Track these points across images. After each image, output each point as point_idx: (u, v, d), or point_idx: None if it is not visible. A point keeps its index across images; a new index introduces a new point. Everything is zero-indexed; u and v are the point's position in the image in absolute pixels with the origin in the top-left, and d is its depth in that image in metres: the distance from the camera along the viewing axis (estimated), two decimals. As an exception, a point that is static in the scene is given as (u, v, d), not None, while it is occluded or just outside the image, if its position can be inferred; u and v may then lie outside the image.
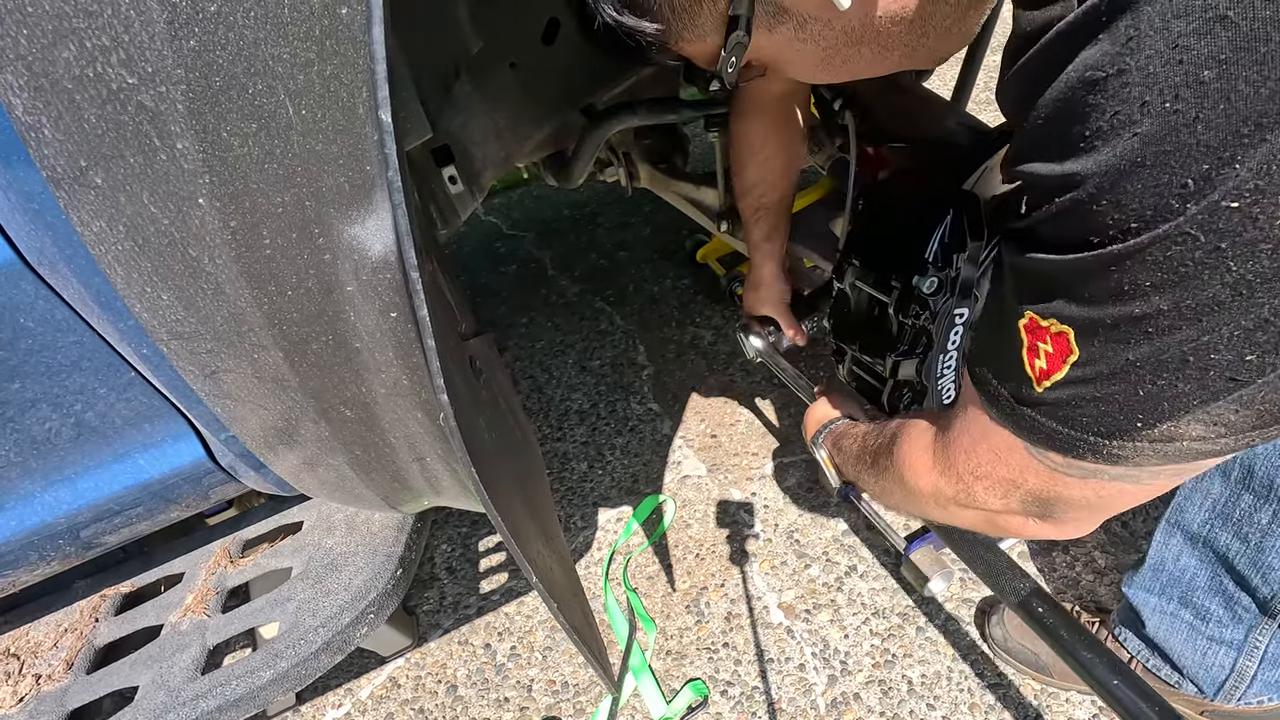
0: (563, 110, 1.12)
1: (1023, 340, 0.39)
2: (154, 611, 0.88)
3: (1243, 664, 0.78)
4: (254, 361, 0.49)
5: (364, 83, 0.38)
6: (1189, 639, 0.82)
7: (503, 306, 2.07)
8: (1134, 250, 0.31)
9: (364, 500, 0.69)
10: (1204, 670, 0.82)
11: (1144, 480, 0.39)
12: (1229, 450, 0.35)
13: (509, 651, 1.20)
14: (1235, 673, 0.79)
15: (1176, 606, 0.83)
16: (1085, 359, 0.36)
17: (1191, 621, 0.81)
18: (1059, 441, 0.39)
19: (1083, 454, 0.38)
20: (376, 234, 0.43)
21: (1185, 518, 0.79)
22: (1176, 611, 0.83)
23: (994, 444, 0.45)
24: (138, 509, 0.71)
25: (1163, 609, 0.84)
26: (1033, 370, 0.39)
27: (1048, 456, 0.41)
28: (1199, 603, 0.80)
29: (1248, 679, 0.79)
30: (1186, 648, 0.83)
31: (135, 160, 0.38)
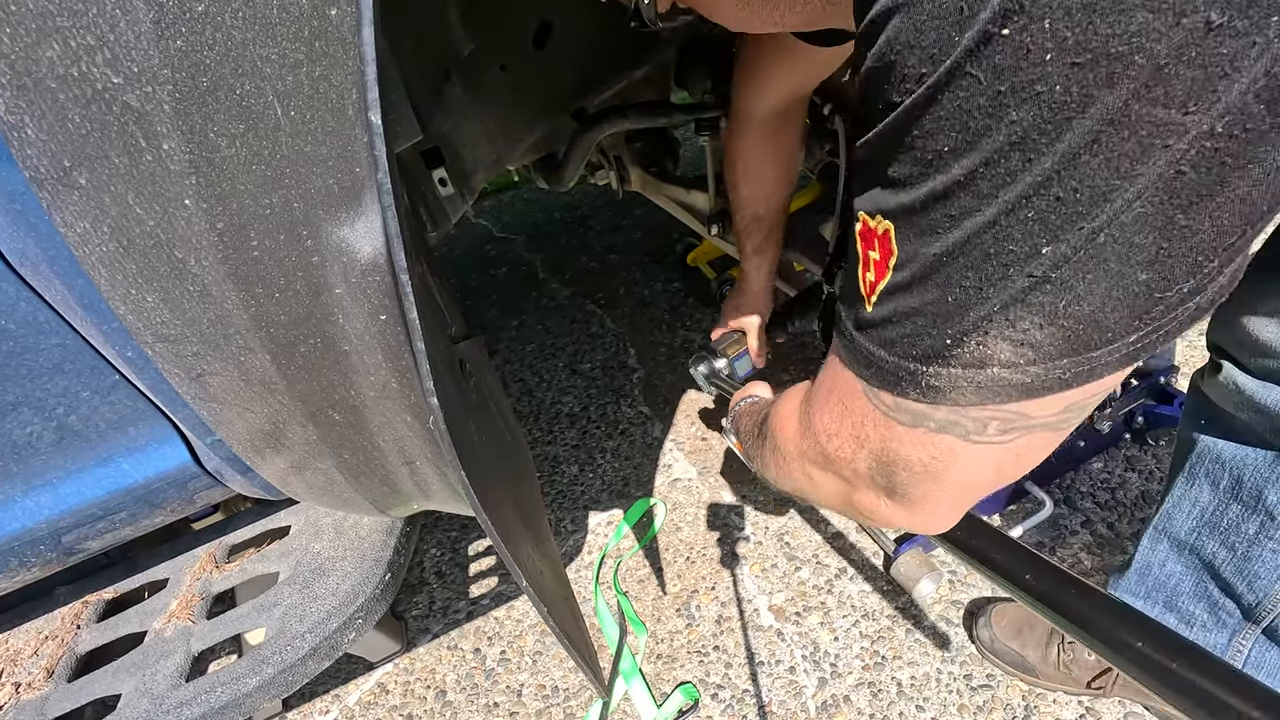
0: (554, 113, 1.12)
1: (859, 254, 0.37)
2: (137, 618, 0.87)
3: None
4: (241, 364, 0.48)
5: (354, 84, 0.38)
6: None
7: (493, 309, 2.07)
8: (924, 102, 0.28)
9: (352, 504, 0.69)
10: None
11: (971, 434, 0.36)
12: (1041, 384, 0.32)
13: (499, 656, 1.19)
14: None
15: (1161, 611, 0.84)
16: (903, 258, 0.33)
17: (1176, 626, 0.82)
18: (884, 372, 0.37)
19: (904, 388, 0.36)
20: (366, 236, 0.42)
21: (1173, 525, 0.80)
22: (1161, 615, 0.84)
23: (841, 391, 0.42)
24: (121, 514, 0.70)
25: (1147, 612, 0.85)
26: (864, 285, 0.36)
27: (879, 397, 0.38)
28: (1184, 607, 0.81)
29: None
30: None
31: (120, 161, 0.38)
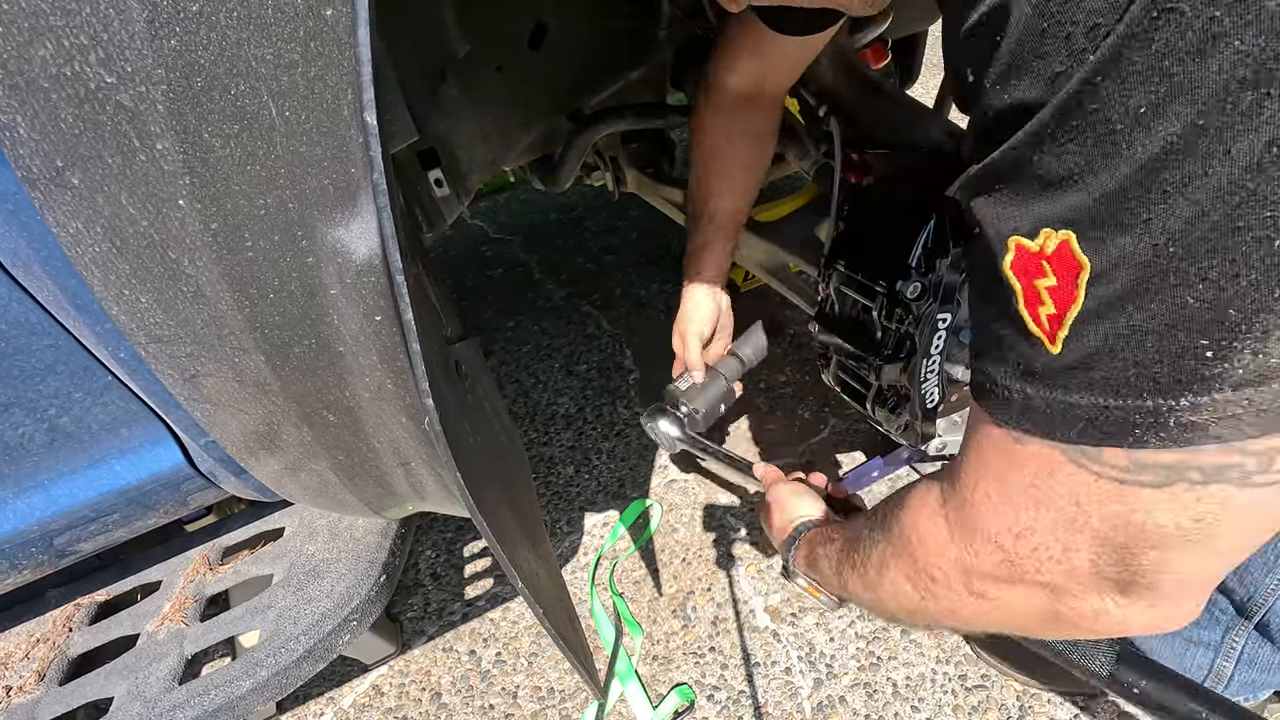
0: (550, 114, 1.12)
1: (1016, 290, 0.29)
2: (130, 620, 0.86)
3: (1220, 665, 0.80)
4: (235, 365, 0.48)
5: (349, 85, 0.38)
6: (1167, 641, 0.83)
7: (489, 310, 2.06)
8: (1109, 59, 0.22)
9: (347, 506, 0.69)
10: (1182, 671, 0.83)
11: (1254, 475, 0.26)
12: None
13: (494, 658, 1.19)
14: (1213, 673, 0.81)
15: None
16: (1103, 266, 0.25)
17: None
18: (1108, 424, 0.27)
19: (1145, 435, 0.27)
20: (361, 237, 0.42)
21: None
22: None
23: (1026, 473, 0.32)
24: (114, 516, 0.70)
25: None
26: (1040, 325, 0.28)
27: (1102, 461, 0.29)
28: None
29: (1225, 679, 0.80)
30: (1164, 649, 0.84)
31: (113, 161, 0.38)
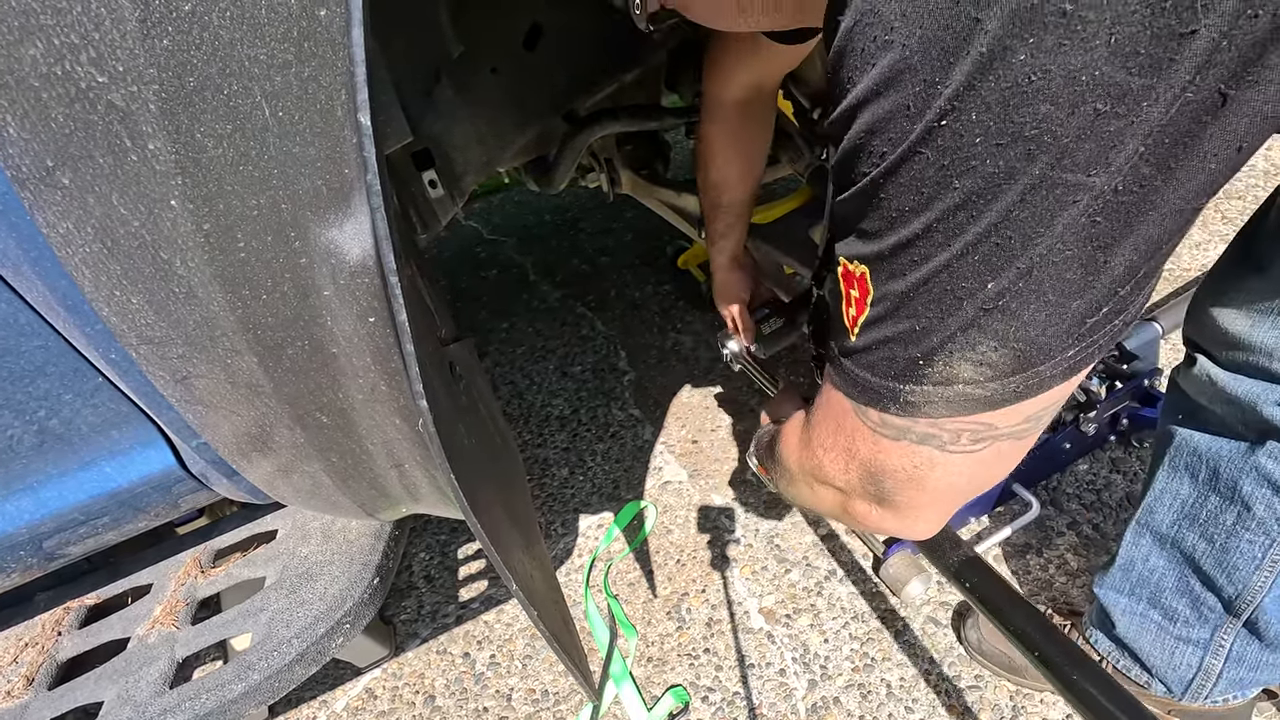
0: (545, 115, 1.11)
1: (841, 292, 0.42)
2: (120, 624, 0.85)
3: (1209, 662, 0.80)
4: (227, 367, 0.48)
5: (343, 85, 0.38)
6: (1157, 639, 0.84)
7: (483, 311, 2.06)
8: (887, 174, 0.34)
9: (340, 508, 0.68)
10: (1172, 670, 0.84)
11: (947, 444, 0.41)
12: (1000, 397, 0.37)
13: (488, 660, 1.19)
14: (1202, 671, 0.81)
15: (1145, 607, 0.84)
16: (878, 296, 0.38)
17: (1160, 621, 0.83)
18: (869, 392, 0.41)
19: (886, 404, 0.40)
20: (355, 238, 0.42)
21: (1154, 519, 0.81)
22: (1145, 612, 0.84)
23: (833, 410, 0.47)
24: (104, 518, 0.69)
25: (1132, 609, 0.86)
26: (848, 319, 0.41)
27: (867, 414, 0.43)
28: (1167, 603, 0.82)
29: (1214, 677, 0.81)
30: (1155, 647, 0.84)
31: (105, 161, 0.37)
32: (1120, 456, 1.30)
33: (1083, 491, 1.26)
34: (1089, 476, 1.28)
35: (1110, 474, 1.28)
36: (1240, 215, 1.80)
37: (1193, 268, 1.68)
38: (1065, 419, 1.20)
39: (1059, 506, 1.24)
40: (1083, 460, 1.31)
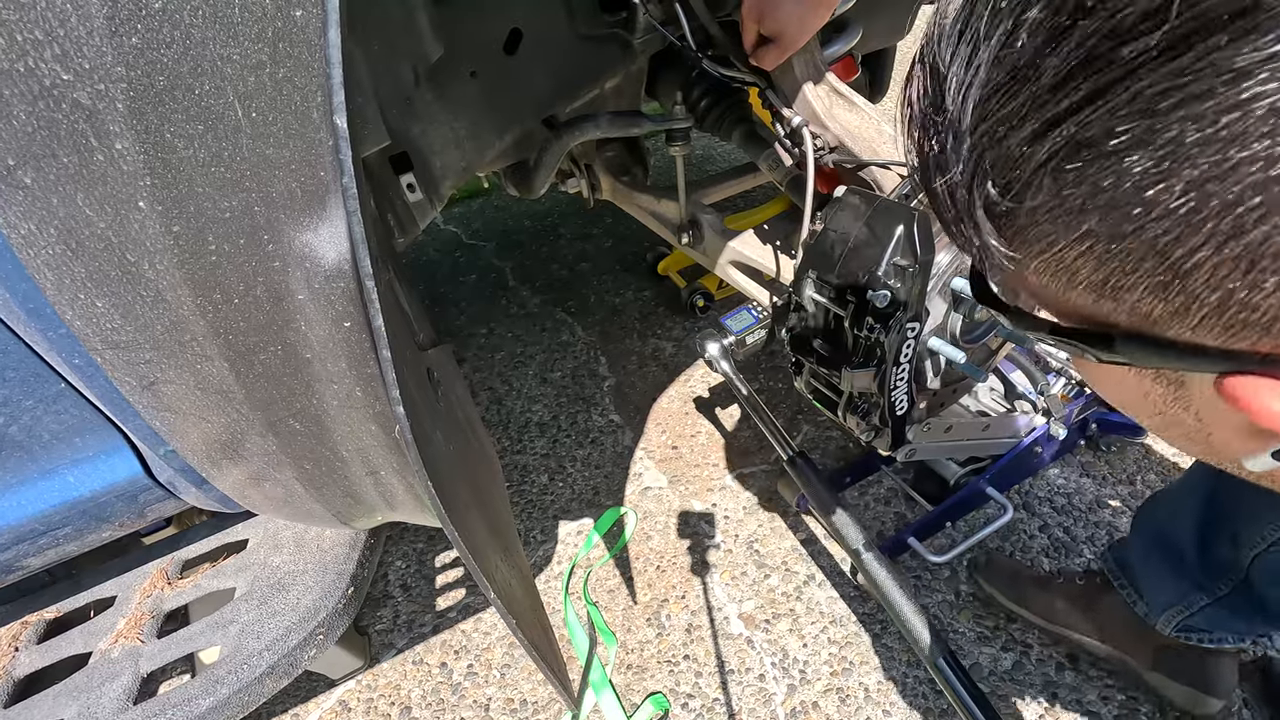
0: (524, 120, 1.11)
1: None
2: (81, 638, 0.83)
3: (1194, 597, 0.87)
4: (197, 372, 0.47)
5: (319, 87, 0.37)
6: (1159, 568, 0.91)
7: (462, 317, 2.04)
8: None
9: (314, 516, 0.67)
10: (1160, 594, 0.91)
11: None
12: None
13: (466, 670, 1.17)
14: (1184, 601, 0.88)
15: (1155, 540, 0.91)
16: None
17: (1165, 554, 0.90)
18: None
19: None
20: (330, 241, 0.41)
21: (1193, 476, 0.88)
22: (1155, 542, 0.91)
23: None
24: (65, 529, 0.67)
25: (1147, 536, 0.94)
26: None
27: None
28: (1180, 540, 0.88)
29: (1194, 608, 0.87)
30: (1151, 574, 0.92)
31: (69, 160, 0.36)
32: (1090, 461, 1.33)
33: (1054, 495, 1.29)
34: (1060, 481, 1.31)
35: (1081, 478, 1.31)
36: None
37: (1157, 277, 1.73)
38: (1036, 424, 1.22)
39: (1031, 510, 1.27)
40: (1054, 465, 1.33)
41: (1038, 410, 1.22)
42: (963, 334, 0.95)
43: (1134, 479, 1.29)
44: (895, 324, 0.81)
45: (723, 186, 1.49)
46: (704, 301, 1.82)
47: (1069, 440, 1.30)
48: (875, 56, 1.60)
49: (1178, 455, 1.31)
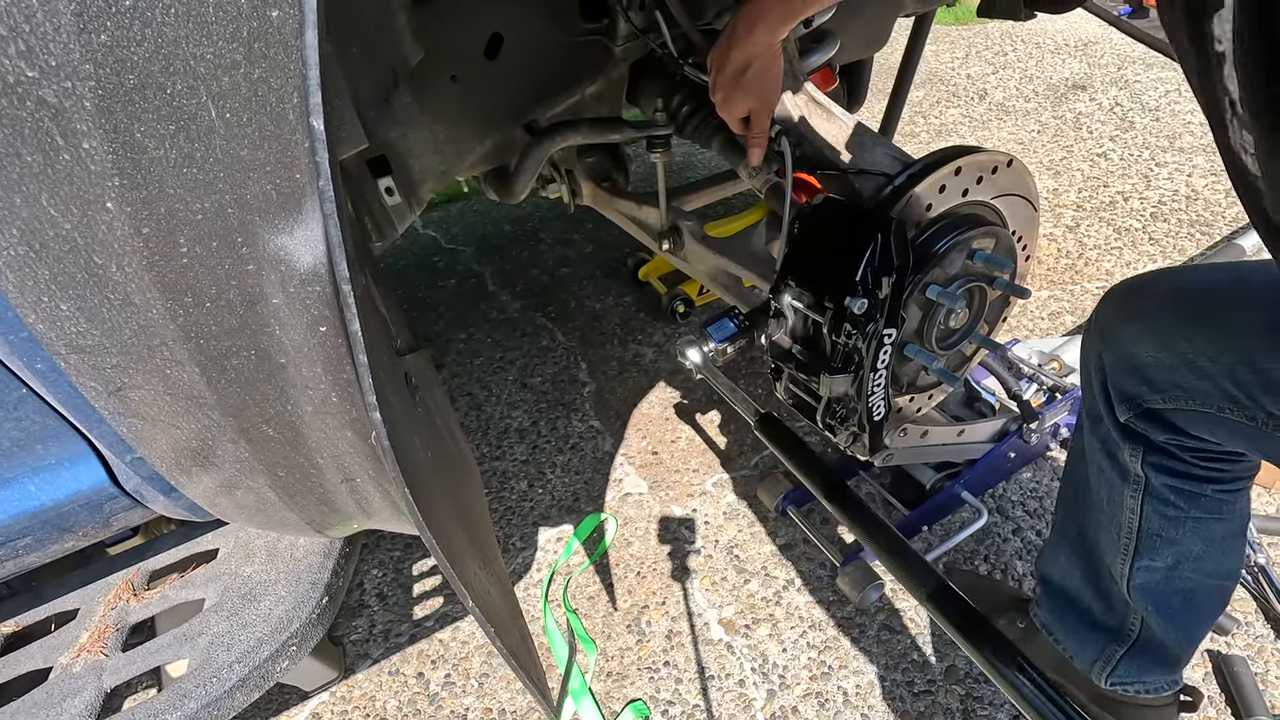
0: (504, 125, 1.11)
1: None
2: (42, 653, 0.80)
3: (1112, 649, 0.87)
4: (166, 378, 0.46)
5: (295, 88, 0.37)
6: (1076, 625, 0.91)
7: (440, 322, 2.02)
8: None
9: (287, 525, 0.66)
10: (1084, 650, 0.91)
11: None
12: None
13: (443, 680, 1.15)
14: (1104, 655, 0.88)
15: (1061, 597, 0.93)
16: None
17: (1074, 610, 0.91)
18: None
19: None
20: (306, 245, 0.41)
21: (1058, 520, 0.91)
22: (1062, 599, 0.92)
23: None
24: (25, 540, 0.64)
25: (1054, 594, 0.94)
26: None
27: None
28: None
29: (1115, 660, 0.88)
30: (1070, 631, 0.92)
31: (34, 159, 0.35)
32: (1061, 465, 1.36)
33: (1027, 499, 1.31)
34: (1032, 485, 1.34)
35: (1052, 482, 1.34)
36: (1166, 237, 1.92)
37: (1124, 285, 1.78)
38: (1009, 429, 1.25)
39: (1005, 514, 1.29)
40: (1026, 469, 1.36)
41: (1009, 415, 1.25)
42: (938, 340, 0.96)
43: (1103, 483, 1.32)
44: (872, 330, 0.82)
45: (703, 193, 1.50)
46: (685, 307, 1.82)
47: (1041, 445, 1.33)
48: (853, 67, 1.62)
49: (1145, 459, 1.35)
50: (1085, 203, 2.11)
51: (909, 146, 1.07)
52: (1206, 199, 2.04)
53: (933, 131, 2.60)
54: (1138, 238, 1.94)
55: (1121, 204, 2.08)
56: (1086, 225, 2.02)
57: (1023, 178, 0.91)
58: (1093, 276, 1.83)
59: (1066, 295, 1.78)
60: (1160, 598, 0.81)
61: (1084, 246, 1.94)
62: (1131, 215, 2.03)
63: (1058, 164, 2.32)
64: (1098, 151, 2.36)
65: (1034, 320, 1.72)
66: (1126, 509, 0.78)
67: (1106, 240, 1.95)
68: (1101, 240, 1.95)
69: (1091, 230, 1.99)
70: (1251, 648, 1.05)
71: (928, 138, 2.56)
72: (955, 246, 0.86)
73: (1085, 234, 1.98)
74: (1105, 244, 1.93)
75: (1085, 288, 1.79)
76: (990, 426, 1.23)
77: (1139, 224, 1.99)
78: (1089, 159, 2.32)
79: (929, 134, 2.59)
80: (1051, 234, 1.99)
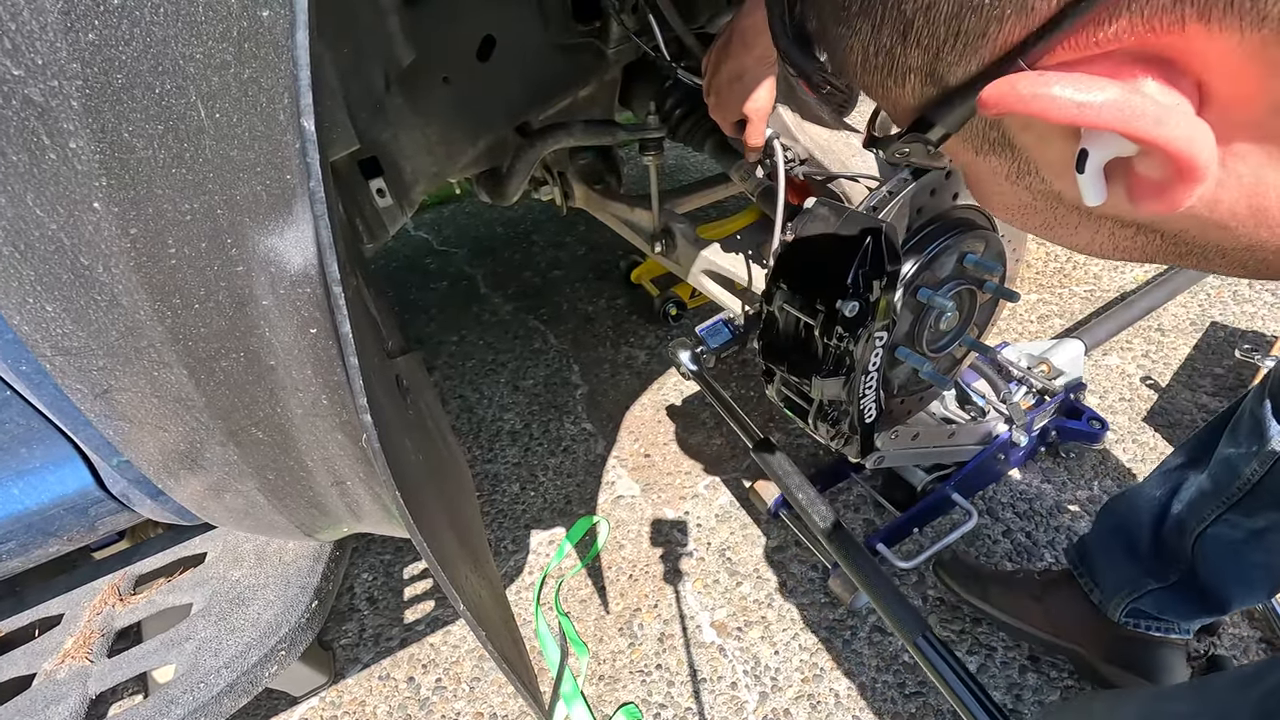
0: (497, 127, 1.11)
1: None
2: (25, 659, 0.79)
3: (1144, 582, 0.91)
4: (154, 379, 0.45)
5: (285, 88, 0.37)
6: (1115, 556, 0.95)
7: (432, 324, 2.02)
8: None
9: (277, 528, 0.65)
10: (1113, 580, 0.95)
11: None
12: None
13: (434, 684, 1.15)
14: (1134, 585, 0.92)
15: (1114, 530, 0.97)
16: None
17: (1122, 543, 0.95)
18: None
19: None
20: (296, 246, 0.41)
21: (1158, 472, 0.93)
22: (1114, 532, 0.96)
23: None
24: (9, 544, 0.64)
25: (1106, 526, 0.99)
26: None
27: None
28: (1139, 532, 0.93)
29: (1142, 591, 0.92)
30: (1107, 562, 0.97)
31: (18, 158, 0.35)
32: (1050, 466, 1.37)
33: (1016, 501, 1.32)
34: (1022, 487, 1.35)
35: (1041, 484, 1.35)
36: (1152, 241, 1.94)
37: (1111, 289, 1.80)
38: (999, 431, 1.25)
39: (995, 516, 1.30)
40: (1016, 471, 1.37)
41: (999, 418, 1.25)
42: (929, 343, 0.97)
43: (1091, 484, 1.33)
44: (864, 333, 0.83)
45: (695, 196, 1.50)
46: (677, 310, 1.83)
47: (1030, 447, 1.34)
48: (844, 72, 1.63)
49: (1133, 460, 1.36)
50: (1073, 207, 2.13)
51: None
52: (1192, 204, 2.07)
53: (923, 136, 2.62)
54: (1125, 242, 1.96)
55: (1109, 208, 2.11)
56: (1074, 229, 2.04)
57: (1012, 182, 0.92)
58: (1081, 280, 1.85)
59: (1055, 299, 1.79)
60: (1225, 555, 0.84)
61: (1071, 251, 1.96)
62: (1119, 219, 2.05)
63: (1046, 168, 2.34)
64: (1085, 156, 2.38)
65: (1023, 323, 1.73)
66: (1256, 461, 0.79)
67: (1094, 244, 1.97)
68: (1089, 244, 1.97)
69: (1079, 234, 2.01)
70: (1238, 646, 1.06)
71: (918, 142, 2.58)
72: (946, 250, 0.86)
73: (1073, 238, 2.00)
74: (1093, 248, 1.96)
75: (1073, 291, 1.81)
76: (981, 429, 1.24)
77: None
78: (1077, 164, 2.35)
79: (919, 138, 2.60)
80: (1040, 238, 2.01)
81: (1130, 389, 1.51)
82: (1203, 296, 1.72)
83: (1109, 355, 1.60)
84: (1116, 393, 1.50)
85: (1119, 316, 1.54)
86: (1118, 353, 1.60)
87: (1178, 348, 1.59)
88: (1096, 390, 1.51)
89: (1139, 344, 1.62)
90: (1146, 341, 1.63)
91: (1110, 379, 1.54)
